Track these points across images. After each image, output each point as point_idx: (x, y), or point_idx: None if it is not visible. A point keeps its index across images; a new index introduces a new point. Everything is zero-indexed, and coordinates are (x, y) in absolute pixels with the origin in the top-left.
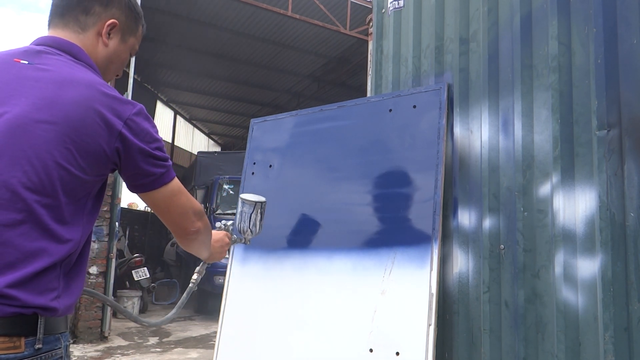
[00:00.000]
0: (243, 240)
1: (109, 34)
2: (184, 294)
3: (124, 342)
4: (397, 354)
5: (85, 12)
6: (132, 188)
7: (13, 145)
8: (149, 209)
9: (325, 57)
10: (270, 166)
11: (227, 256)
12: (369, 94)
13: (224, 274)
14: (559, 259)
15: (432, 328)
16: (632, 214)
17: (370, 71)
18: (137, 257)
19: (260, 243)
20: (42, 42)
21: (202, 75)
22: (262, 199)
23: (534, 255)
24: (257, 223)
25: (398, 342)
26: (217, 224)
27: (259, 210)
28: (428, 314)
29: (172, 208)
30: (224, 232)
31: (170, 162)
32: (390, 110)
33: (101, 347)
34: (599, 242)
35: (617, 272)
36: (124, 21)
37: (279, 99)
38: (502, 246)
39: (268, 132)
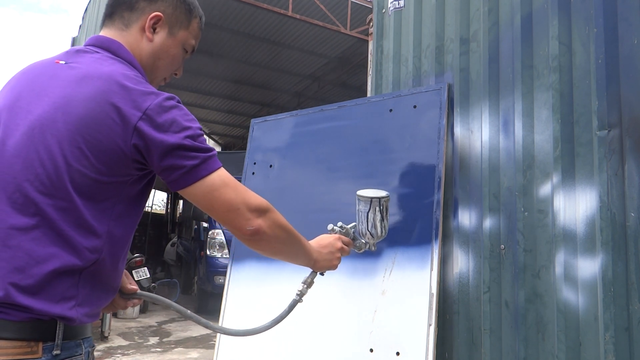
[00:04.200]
0: (368, 246)
1: (154, 29)
2: (287, 307)
3: (124, 342)
4: (398, 354)
5: (130, 8)
6: (169, 186)
7: (28, 147)
8: (149, 209)
9: (326, 57)
10: (271, 166)
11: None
12: (369, 94)
13: (224, 274)
14: (560, 259)
15: (432, 328)
16: (632, 214)
17: (370, 71)
18: (137, 257)
19: None
20: (87, 42)
21: (202, 75)
22: (382, 193)
23: (535, 255)
24: (377, 224)
25: (398, 342)
26: (329, 226)
27: (377, 208)
28: (428, 314)
29: (217, 205)
30: (337, 235)
31: (209, 153)
32: (391, 110)
33: (101, 347)
34: (599, 242)
35: (618, 272)
36: (170, 14)
37: (279, 99)
38: (502, 246)
39: (268, 132)
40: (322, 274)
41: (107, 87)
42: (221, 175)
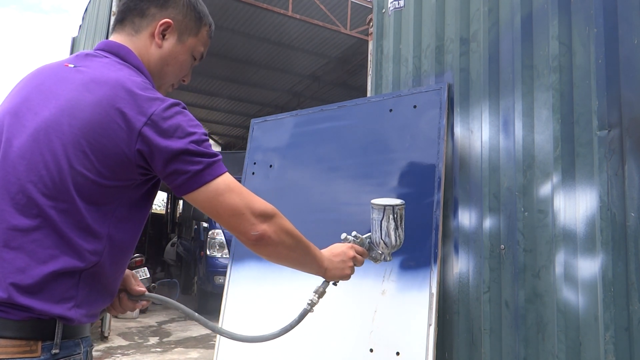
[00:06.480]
0: (383, 256)
1: (164, 35)
2: (297, 316)
3: (124, 342)
4: (398, 354)
5: (141, 14)
6: (174, 191)
7: (33, 149)
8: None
9: (326, 57)
10: (271, 166)
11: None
12: (369, 94)
13: (224, 274)
14: (560, 259)
15: (432, 328)
16: (632, 214)
17: (370, 71)
18: (137, 257)
19: None
20: (96, 46)
21: (202, 75)
22: (396, 201)
23: (535, 255)
24: (391, 232)
25: (398, 342)
26: (342, 235)
27: (390, 216)
28: (428, 314)
29: (221, 210)
30: (349, 244)
31: (213, 158)
32: (391, 110)
33: (101, 347)
34: (599, 242)
35: (618, 272)
36: (180, 20)
37: (279, 99)
38: (502, 246)
39: (268, 132)
40: (335, 283)
41: (113, 92)
42: (226, 180)
